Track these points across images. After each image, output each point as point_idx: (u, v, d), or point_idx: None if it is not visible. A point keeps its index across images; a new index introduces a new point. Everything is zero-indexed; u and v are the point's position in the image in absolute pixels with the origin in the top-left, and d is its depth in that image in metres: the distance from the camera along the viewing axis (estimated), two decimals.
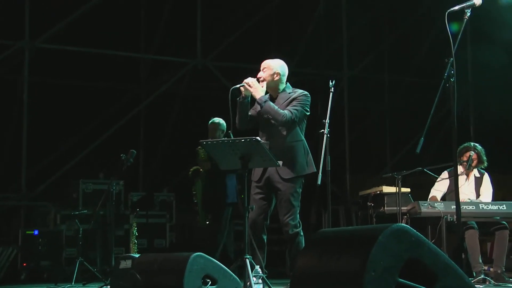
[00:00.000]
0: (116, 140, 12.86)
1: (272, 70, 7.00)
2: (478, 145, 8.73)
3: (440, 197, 8.61)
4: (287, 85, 7.10)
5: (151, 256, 6.72)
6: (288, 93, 7.00)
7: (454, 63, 5.53)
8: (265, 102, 6.78)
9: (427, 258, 3.77)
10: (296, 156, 6.87)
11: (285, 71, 7.08)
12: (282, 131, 6.80)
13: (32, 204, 12.29)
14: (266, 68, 7.03)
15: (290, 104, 6.87)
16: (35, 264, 11.09)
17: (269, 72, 7.00)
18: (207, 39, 14.00)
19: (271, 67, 7.02)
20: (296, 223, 6.86)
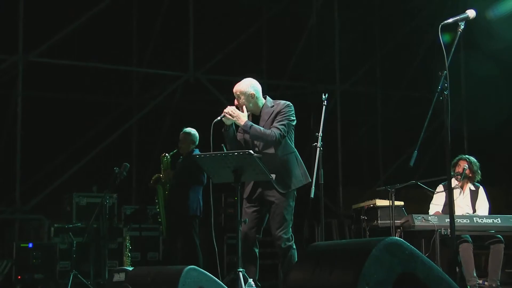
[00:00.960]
0: (109, 153, 12.86)
1: (246, 93, 6.97)
2: (472, 157, 8.74)
3: (442, 210, 8.59)
4: (267, 99, 7.09)
5: (144, 269, 6.71)
6: (270, 107, 6.99)
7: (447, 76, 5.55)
8: (251, 128, 6.77)
9: (421, 272, 3.78)
10: (291, 169, 6.88)
11: (258, 88, 7.06)
12: (273, 146, 6.80)
13: (26, 217, 12.27)
14: (239, 94, 7.00)
15: (275, 119, 6.86)
16: (29, 277, 11.06)
17: (243, 97, 6.97)
18: (199, 52, 14.01)
19: (243, 91, 6.98)
20: (289, 236, 6.86)
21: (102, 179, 10.23)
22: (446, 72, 5.54)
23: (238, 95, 7.01)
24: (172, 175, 9.00)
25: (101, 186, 11.48)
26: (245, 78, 7.15)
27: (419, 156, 5.65)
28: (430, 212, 8.59)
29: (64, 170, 12.84)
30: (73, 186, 12.18)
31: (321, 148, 6.75)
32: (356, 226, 9.91)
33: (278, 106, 6.95)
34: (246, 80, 7.11)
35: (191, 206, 8.94)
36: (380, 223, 8.85)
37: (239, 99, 6.99)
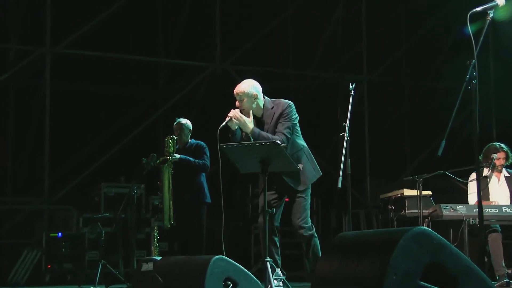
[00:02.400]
0: (136, 144, 12.91)
1: (248, 94, 6.97)
2: (503, 145, 8.65)
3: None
4: (266, 99, 7.07)
5: (172, 259, 6.74)
6: (271, 109, 6.98)
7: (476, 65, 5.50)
8: (259, 135, 6.77)
9: (449, 262, 3.76)
10: (303, 166, 6.89)
11: (259, 88, 7.08)
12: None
13: (55, 208, 12.37)
14: (242, 95, 7.00)
15: (278, 122, 6.86)
16: (58, 267, 11.17)
17: (246, 99, 6.97)
18: (226, 43, 14.02)
19: (246, 92, 6.98)
20: (310, 225, 6.91)
21: (130, 169, 10.26)
22: (475, 61, 5.50)
23: (240, 96, 7.00)
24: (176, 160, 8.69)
25: (128, 176, 11.55)
26: (245, 80, 7.11)
27: (447, 146, 5.62)
28: (471, 202, 8.51)
29: (92, 161, 12.93)
30: (101, 177, 12.26)
31: (348, 138, 6.73)
32: (383, 216, 9.88)
33: (279, 107, 6.94)
34: (247, 81, 7.12)
35: (205, 193, 8.84)
36: (407, 213, 8.80)
37: (242, 101, 6.98)
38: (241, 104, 6.98)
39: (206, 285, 5.76)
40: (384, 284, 3.58)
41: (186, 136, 8.91)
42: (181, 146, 8.88)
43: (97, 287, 8.67)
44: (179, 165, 8.60)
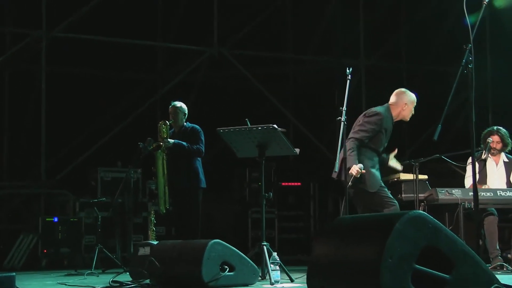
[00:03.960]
0: (133, 128, 12.90)
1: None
2: (501, 128, 8.64)
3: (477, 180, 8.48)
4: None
5: (169, 243, 6.76)
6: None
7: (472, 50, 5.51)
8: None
9: (444, 245, 3.78)
10: None
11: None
12: None
13: (51, 192, 12.37)
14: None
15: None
16: (55, 251, 11.18)
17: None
18: (223, 27, 13.98)
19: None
20: None
21: (127, 154, 10.26)
22: (471, 45, 5.50)
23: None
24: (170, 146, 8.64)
25: (125, 161, 11.54)
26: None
27: (443, 130, 5.63)
28: (467, 185, 8.52)
29: (89, 145, 12.91)
30: (98, 161, 12.25)
31: (345, 123, 6.73)
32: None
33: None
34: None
35: (200, 178, 8.82)
36: (404, 197, 8.80)
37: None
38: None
39: (203, 269, 5.79)
40: (380, 268, 3.60)
41: (181, 120, 8.87)
42: (176, 129, 8.85)
43: (94, 272, 8.68)
44: (173, 150, 8.59)
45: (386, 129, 7.30)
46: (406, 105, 7.32)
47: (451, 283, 3.71)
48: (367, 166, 7.03)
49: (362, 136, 7.16)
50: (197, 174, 8.74)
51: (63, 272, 9.38)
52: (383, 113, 7.30)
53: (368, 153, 7.20)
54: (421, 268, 3.68)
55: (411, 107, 7.33)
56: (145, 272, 6.33)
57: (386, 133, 7.31)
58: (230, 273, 5.93)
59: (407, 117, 7.39)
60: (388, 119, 7.33)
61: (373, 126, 7.22)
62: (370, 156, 7.20)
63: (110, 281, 6.24)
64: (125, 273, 7.52)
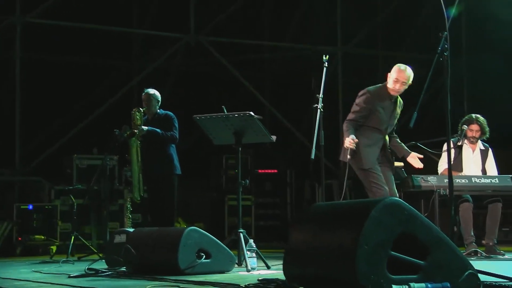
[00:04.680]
0: (109, 115, 12.84)
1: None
2: (480, 116, 8.67)
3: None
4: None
5: (145, 230, 6.75)
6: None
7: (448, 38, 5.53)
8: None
9: (420, 232, 3.80)
10: None
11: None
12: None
13: (26, 180, 12.30)
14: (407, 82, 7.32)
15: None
16: (30, 239, 11.13)
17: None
18: (200, 14, 13.93)
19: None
20: None
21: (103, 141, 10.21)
22: (447, 33, 5.53)
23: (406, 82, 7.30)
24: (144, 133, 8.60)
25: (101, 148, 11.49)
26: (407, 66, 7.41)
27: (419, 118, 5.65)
28: (440, 171, 8.57)
29: (64, 132, 12.84)
30: (74, 149, 12.18)
31: (322, 110, 6.74)
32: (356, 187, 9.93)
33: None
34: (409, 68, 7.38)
35: (175, 165, 8.80)
36: None
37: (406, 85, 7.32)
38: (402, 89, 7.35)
39: (179, 256, 5.78)
40: (356, 254, 3.61)
41: (155, 107, 8.84)
42: (149, 116, 8.82)
43: (69, 259, 8.64)
44: (147, 137, 8.57)
45: (382, 106, 7.31)
46: (390, 76, 7.32)
47: (426, 269, 3.74)
48: (361, 143, 7.07)
49: (354, 117, 7.25)
50: (171, 161, 8.72)
51: (38, 260, 9.33)
52: (371, 91, 7.36)
53: (366, 132, 7.27)
54: (397, 254, 3.69)
55: (393, 76, 7.29)
56: (121, 260, 6.31)
57: (384, 110, 7.32)
58: (207, 260, 5.93)
59: (394, 90, 7.33)
60: (379, 96, 7.34)
61: (363, 105, 7.32)
62: (367, 135, 7.26)
63: (85, 268, 6.21)
64: (101, 261, 7.50)
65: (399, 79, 7.24)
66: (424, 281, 3.63)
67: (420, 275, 3.72)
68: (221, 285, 4.78)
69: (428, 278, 3.69)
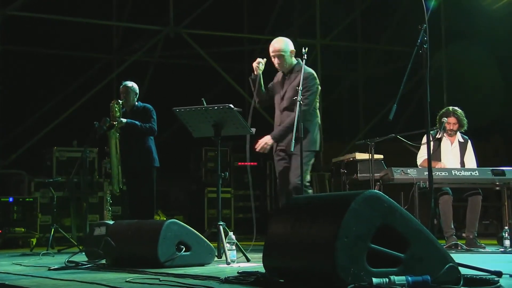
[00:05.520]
0: (89, 108, 12.80)
1: (287, 52, 7.13)
2: (457, 108, 8.69)
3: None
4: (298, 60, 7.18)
5: (125, 223, 6.74)
6: (297, 71, 7.10)
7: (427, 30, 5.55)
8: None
9: (399, 225, 3.81)
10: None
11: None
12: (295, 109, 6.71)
13: (6, 172, 12.25)
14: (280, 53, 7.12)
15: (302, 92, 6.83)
16: (10, 231, 11.09)
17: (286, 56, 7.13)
18: (179, 6, 13.90)
19: (284, 50, 7.13)
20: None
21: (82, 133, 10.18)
22: (426, 25, 5.54)
23: (279, 53, 7.10)
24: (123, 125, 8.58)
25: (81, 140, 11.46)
26: (279, 38, 7.24)
27: (398, 110, 5.67)
28: (419, 162, 8.59)
29: (44, 125, 12.80)
30: (54, 141, 12.14)
31: (301, 102, 6.73)
32: (336, 179, 9.95)
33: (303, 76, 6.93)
34: (283, 38, 7.21)
35: (154, 157, 8.79)
36: (359, 177, 8.87)
37: (281, 57, 7.09)
38: (281, 61, 7.09)
39: (159, 248, 5.78)
40: (336, 247, 3.62)
41: (133, 99, 8.83)
42: (127, 109, 8.80)
43: (49, 252, 8.62)
44: (126, 130, 8.55)
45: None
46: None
47: (405, 262, 3.74)
48: (315, 124, 7.23)
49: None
50: (150, 153, 8.72)
51: (18, 252, 9.32)
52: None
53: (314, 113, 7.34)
54: (377, 247, 3.70)
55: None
56: (101, 252, 6.30)
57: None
58: (186, 253, 5.92)
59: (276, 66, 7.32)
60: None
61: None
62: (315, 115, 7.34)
63: (65, 261, 6.19)
64: (81, 253, 7.48)
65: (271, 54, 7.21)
66: (404, 274, 3.63)
67: (400, 268, 3.73)
68: (201, 278, 4.77)
69: (408, 271, 3.69)
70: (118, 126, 8.47)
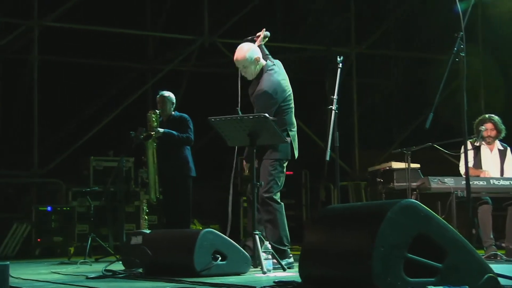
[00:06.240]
0: (125, 117, 12.89)
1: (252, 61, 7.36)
2: (494, 115, 8.58)
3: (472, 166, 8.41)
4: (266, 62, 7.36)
5: (161, 232, 6.76)
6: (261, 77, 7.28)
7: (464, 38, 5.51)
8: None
9: (436, 234, 3.78)
10: None
11: (257, 49, 7.48)
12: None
13: (44, 181, 12.37)
14: (245, 63, 7.38)
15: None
16: (48, 240, 11.22)
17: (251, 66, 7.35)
18: (214, 16, 13.96)
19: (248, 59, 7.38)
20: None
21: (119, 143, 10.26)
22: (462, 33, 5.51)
23: (243, 64, 7.34)
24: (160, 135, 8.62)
25: (117, 150, 11.55)
26: (242, 45, 7.45)
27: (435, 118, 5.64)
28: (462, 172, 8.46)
29: (81, 134, 12.91)
30: (90, 150, 12.25)
31: (337, 111, 6.72)
32: (372, 188, 9.89)
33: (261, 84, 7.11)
34: (245, 46, 7.44)
35: (190, 167, 8.81)
36: (396, 186, 8.80)
37: (246, 68, 7.28)
38: (246, 72, 7.25)
39: (195, 258, 5.78)
40: (372, 256, 3.60)
41: (170, 109, 8.87)
42: (164, 119, 8.84)
43: (86, 260, 8.68)
44: (163, 139, 8.59)
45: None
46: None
47: (443, 272, 3.72)
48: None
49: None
50: (186, 163, 8.74)
51: (56, 261, 9.40)
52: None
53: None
54: (413, 257, 3.68)
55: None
56: (137, 261, 6.33)
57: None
58: (222, 262, 5.93)
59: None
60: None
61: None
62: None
63: (103, 269, 6.24)
64: (118, 262, 7.53)
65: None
66: (441, 284, 3.60)
67: (437, 278, 3.70)
68: (237, 287, 4.78)
69: (446, 281, 3.66)
70: (155, 136, 8.51)
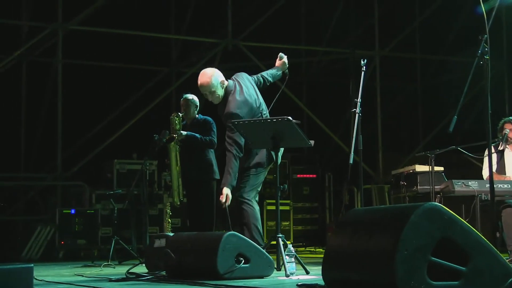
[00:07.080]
0: (148, 120, 12.94)
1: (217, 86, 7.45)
2: None
3: (496, 170, 8.35)
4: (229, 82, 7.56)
5: (185, 235, 6.77)
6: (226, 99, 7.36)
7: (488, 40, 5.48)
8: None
9: (460, 237, 3.77)
10: None
11: (218, 72, 7.60)
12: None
13: (68, 184, 12.44)
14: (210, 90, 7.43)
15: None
16: (72, 242, 11.28)
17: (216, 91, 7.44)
18: (237, 19, 13.98)
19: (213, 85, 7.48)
20: None
21: (142, 146, 10.29)
22: (487, 36, 5.48)
23: (209, 90, 7.38)
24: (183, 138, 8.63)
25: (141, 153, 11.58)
26: (204, 71, 7.53)
27: (459, 122, 5.61)
28: (485, 177, 8.41)
29: (104, 137, 12.98)
30: (114, 153, 12.30)
31: (360, 114, 6.71)
32: (395, 191, 9.87)
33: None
34: (207, 72, 7.53)
35: (214, 169, 8.80)
36: (419, 189, 8.77)
37: (213, 94, 7.33)
38: (212, 97, 7.29)
39: (218, 260, 5.79)
40: (395, 259, 3.59)
41: (193, 112, 8.86)
42: (188, 121, 8.85)
43: (110, 263, 8.72)
44: (186, 142, 8.60)
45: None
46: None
47: (467, 275, 3.71)
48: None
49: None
50: (210, 166, 8.73)
51: (80, 264, 9.45)
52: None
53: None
54: (437, 260, 3.67)
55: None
56: (160, 264, 6.35)
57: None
58: (246, 265, 5.93)
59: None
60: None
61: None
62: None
63: (126, 272, 6.26)
64: (141, 265, 7.55)
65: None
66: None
67: (461, 282, 3.69)
68: None
69: (470, 285, 3.65)
70: (178, 139, 8.52)
